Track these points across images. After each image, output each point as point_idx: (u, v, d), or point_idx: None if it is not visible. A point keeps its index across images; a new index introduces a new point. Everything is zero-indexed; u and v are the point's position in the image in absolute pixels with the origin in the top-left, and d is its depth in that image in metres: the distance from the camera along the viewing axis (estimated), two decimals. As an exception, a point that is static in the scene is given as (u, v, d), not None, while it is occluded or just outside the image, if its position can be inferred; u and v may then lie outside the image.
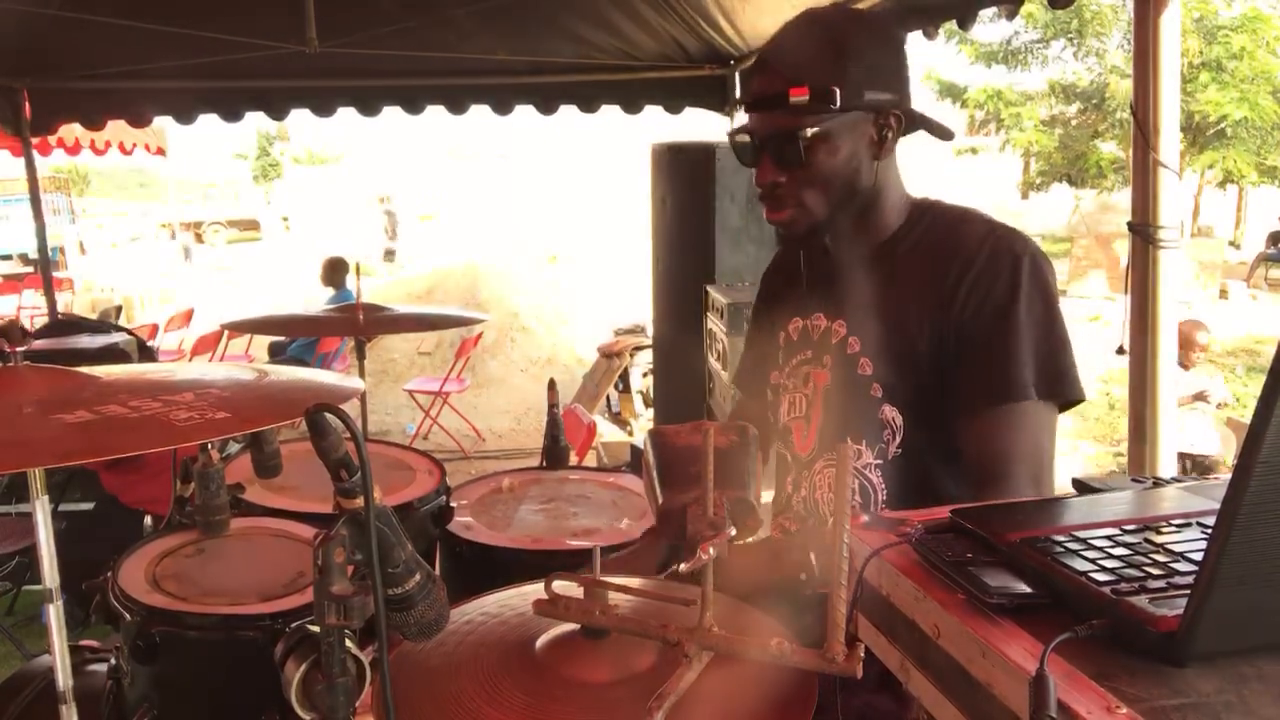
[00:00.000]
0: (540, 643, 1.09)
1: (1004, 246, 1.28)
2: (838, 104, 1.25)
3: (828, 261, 1.43)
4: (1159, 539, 0.78)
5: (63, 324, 4.99)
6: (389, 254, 18.28)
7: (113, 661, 1.51)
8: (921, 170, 1.44)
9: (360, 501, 0.88)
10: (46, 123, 4.95)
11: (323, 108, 4.88)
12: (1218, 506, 0.64)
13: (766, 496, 1.50)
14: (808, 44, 1.31)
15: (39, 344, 4.25)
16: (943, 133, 1.38)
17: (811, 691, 0.99)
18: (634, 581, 1.20)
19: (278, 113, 4.96)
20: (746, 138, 1.36)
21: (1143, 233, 2.16)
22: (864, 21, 1.37)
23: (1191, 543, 0.77)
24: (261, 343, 7.73)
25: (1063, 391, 1.26)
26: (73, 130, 5.99)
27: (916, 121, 1.36)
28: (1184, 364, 5.11)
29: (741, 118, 5.00)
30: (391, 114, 4.96)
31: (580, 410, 4.66)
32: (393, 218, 19.72)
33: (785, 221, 1.37)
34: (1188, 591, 0.66)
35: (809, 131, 1.27)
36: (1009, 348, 1.24)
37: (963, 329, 1.27)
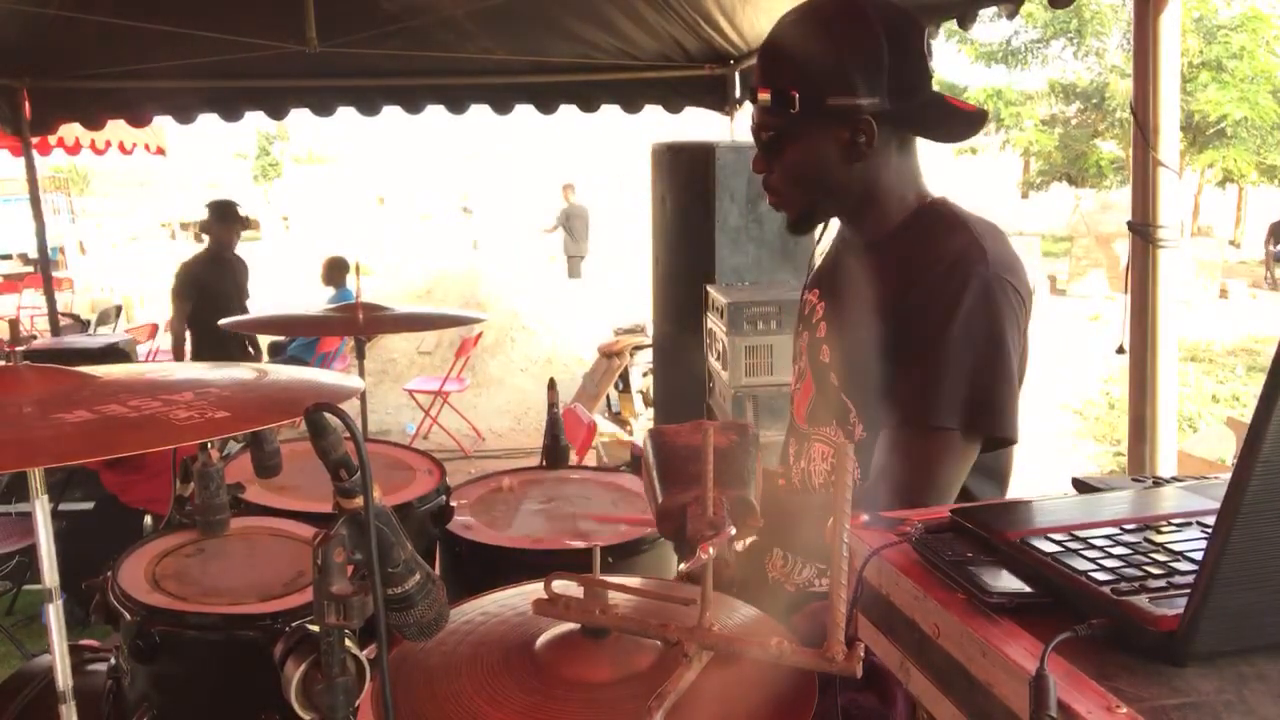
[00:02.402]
0: (540, 642, 1.09)
1: (966, 263, 1.21)
2: (796, 108, 1.26)
3: (838, 243, 1.49)
4: (1159, 538, 0.78)
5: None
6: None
7: (113, 661, 1.51)
8: (920, 171, 1.43)
9: (360, 501, 0.88)
10: (46, 122, 4.95)
11: (323, 107, 4.88)
12: (1218, 506, 0.64)
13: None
14: (781, 45, 1.31)
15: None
16: (949, 135, 1.35)
17: (811, 691, 0.99)
18: (634, 581, 1.20)
19: (278, 112, 4.96)
20: None
21: (1142, 232, 2.16)
22: (848, 22, 1.27)
23: (1191, 542, 0.77)
24: (261, 342, 7.72)
25: (988, 426, 1.20)
26: (73, 130, 5.99)
27: (916, 125, 1.32)
28: None
29: (741, 117, 5.03)
30: (391, 114, 4.96)
31: (580, 410, 4.66)
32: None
33: (775, 208, 1.41)
34: (1188, 591, 0.66)
35: (768, 133, 1.32)
36: (935, 370, 1.19)
37: (899, 337, 1.23)
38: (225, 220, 5.43)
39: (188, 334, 5.40)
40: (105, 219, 23.17)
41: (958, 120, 1.32)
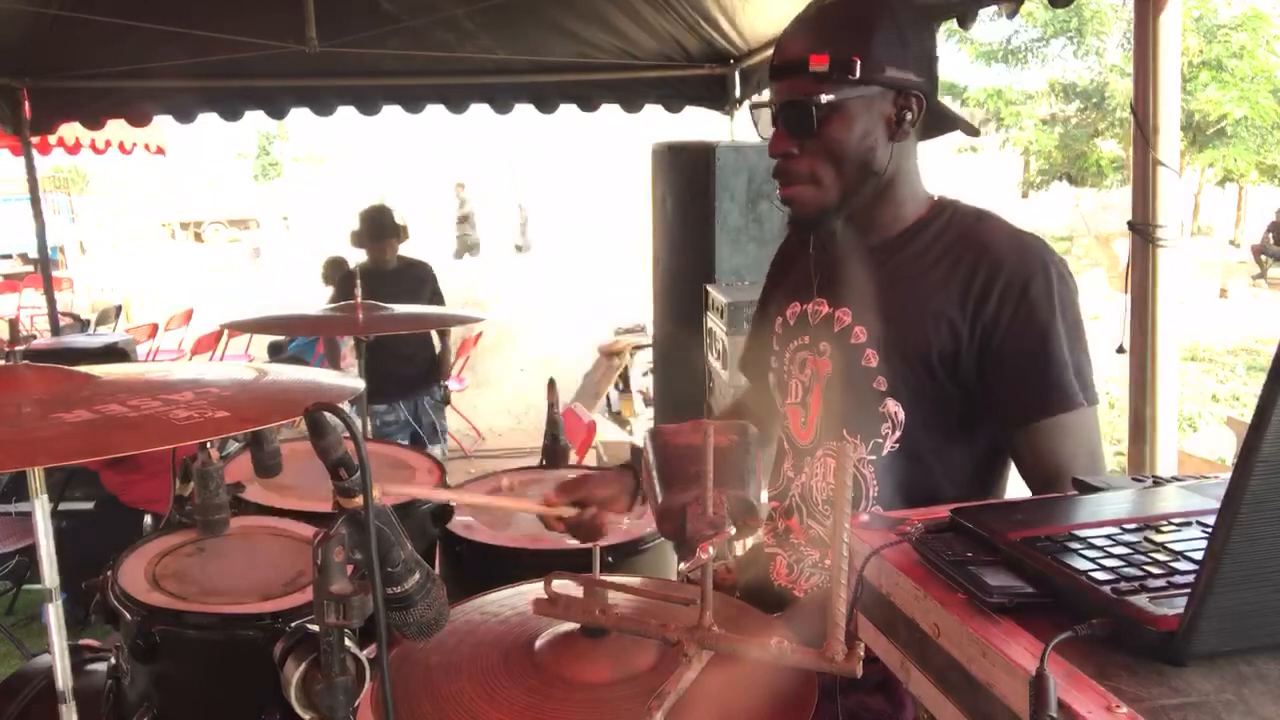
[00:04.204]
0: (540, 642, 1.09)
1: (1033, 254, 1.28)
2: (856, 75, 1.24)
3: (834, 246, 1.41)
4: (1159, 538, 0.78)
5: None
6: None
7: (113, 661, 1.51)
8: (922, 169, 1.43)
9: (359, 500, 0.88)
10: (46, 122, 4.94)
11: (323, 107, 4.88)
12: (1218, 506, 0.64)
13: (766, 495, 1.50)
14: (835, 13, 1.30)
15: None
16: (968, 127, 1.40)
17: (811, 691, 0.99)
18: (634, 581, 1.20)
19: (278, 112, 4.95)
20: (766, 107, 1.36)
21: (1142, 232, 2.16)
22: (906, 4, 1.32)
23: (1191, 542, 0.77)
24: (261, 342, 7.71)
25: (1092, 396, 1.27)
26: (73, 130, 5.98)
27: (941, 114, 1.35)
28: None
29: (741, 116, 5.02)
30: (391, 114, 4.95)
31: (580, 409, 4.66)
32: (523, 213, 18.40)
33: (796, 197, 1.34)
34: (1188, 591, 0.66)
35: (823, 99, 1.25)
36: (1054, 360, 1.24)
37: (994, 335, 1.26)
38: (376, 234, 4.63)
39: (349, 353, 4.74)
40: (105, 219, 23.14)
41: (960, 124, 1.40)
